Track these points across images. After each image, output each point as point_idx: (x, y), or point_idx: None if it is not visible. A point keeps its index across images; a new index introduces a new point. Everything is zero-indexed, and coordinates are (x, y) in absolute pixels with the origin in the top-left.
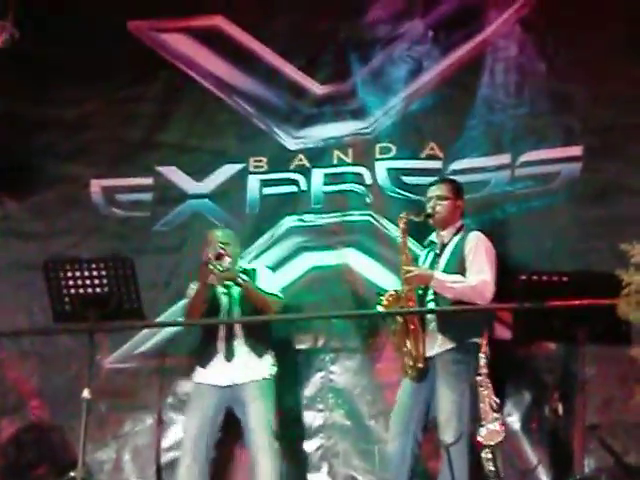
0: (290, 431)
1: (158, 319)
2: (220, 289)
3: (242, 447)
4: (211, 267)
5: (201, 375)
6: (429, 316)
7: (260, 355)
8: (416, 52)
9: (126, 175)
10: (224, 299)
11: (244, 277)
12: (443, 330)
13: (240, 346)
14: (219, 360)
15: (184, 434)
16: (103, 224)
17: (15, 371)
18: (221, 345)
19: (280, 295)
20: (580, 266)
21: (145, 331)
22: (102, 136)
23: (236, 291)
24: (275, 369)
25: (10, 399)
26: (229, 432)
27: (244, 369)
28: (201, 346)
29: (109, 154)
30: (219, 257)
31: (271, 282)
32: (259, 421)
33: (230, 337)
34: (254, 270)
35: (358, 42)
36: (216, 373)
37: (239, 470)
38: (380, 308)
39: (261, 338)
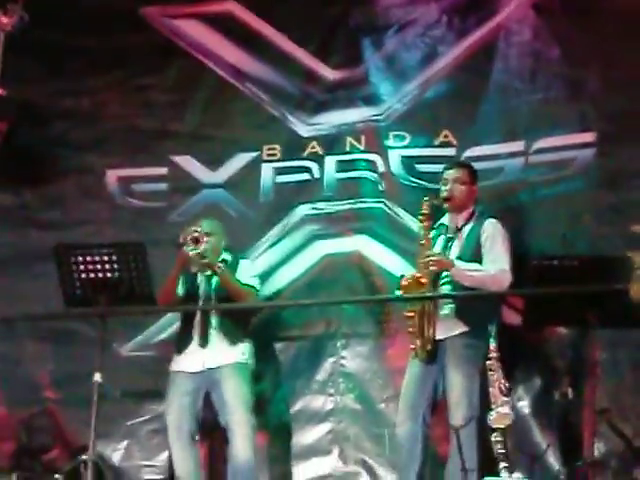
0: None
1: None
2: (199, 277)
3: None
4: (186, 250)
5: (177, 363)
6: (442, 299)
7: (233, 342)
8: (430, 37)
9: (141, 165)
10: (203, 286)
11: (222, 265)
12: (457, 313)
13: (214, 333)
14: (194, 346)
15: (167, 421)
16: (119, 214)
17: (31, 360)
18: (196, 331)
19: (257, 287)
20: (595, 252)
21: (162, 320)
22: (117, 125)
23: (215, 279)
24: (249, 356)
25: (25, 388)
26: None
27: (217, 354)
28: (179, 333)
29: (124, 143)
30: (196, 241)
31: (249, 274)
32: (236, 397)
33: (205, 324)
34: (236, 262)
35: (371, 27)
36: (190, 359)
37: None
38: (398, 292)
39: (235, 326)
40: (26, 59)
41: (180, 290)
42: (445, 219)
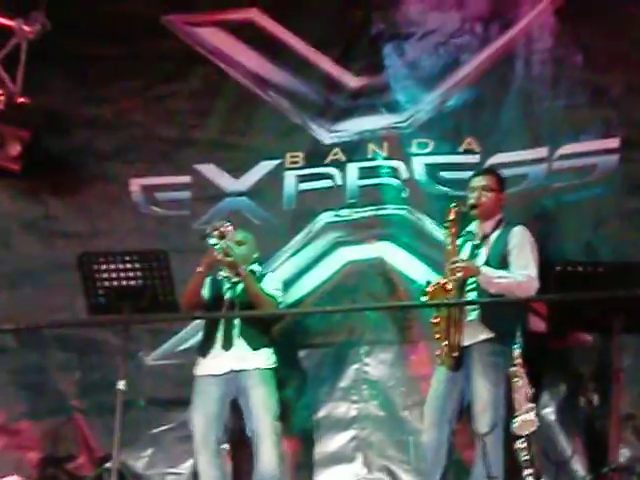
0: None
1: None
2: (226, 284)
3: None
4: (209, 241)
5: (201, 367)
6: (469, 306)
7: (254, 348)
8: (452, 45)
9: (165, 173)
10: (227, 293)
11: (245, 268)
12: (483, 320)
13: (236, 337)
14: (218, 349)
15: (193, 429)
16: (143, 223)
17: (57, 369)
18: (220, 335)
19: (278, 299)
20: (619, 258)
21: (187, 329)
22: (140, 134)
23: (240, 287)
24: (273, 361)
25: (51, 397)
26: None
27: (240, 358)
28: (203, 338)
29: (147, 152)
30: (221, 235)
31: (273, 287)
32: (261, 405)
33: (228, 328)
34: (263, 275)
35: (393, 34)
36: (215, 362)
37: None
38: (424, 298)
39: (257, 332)
40: (48, 67)
41: (206, 294)
42: (472, 226)
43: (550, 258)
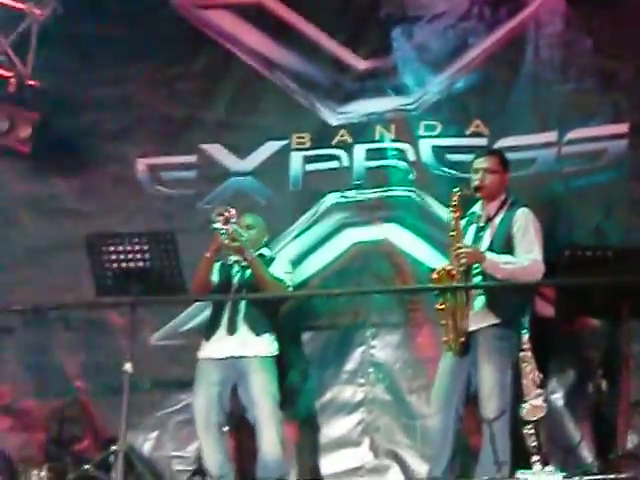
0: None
1: None
2: (236, 267)
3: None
4: (213, 226)
5: (205, 349)
6: (474, 290)
7: (258, 333)
8: (461, 28)
9: (171, 153)
10: (237, 276)
11: (252, 252)
12: (489, 305)
13: (241, 322)
14: (221, 333)
15: (194, 413)
16: (149, 202)
17: (62, 350)
18: (225, 319)
19: (287, 283)
20: (628, 243)
21: (190, 309)
22: (146, 115)
23: (249, 272)
24: (275, 349)
25: (56, 378)
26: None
27: (243, 344)
28: (209, 320)
29: (154, 133)
30: (226, 220)
31: (283, 270)
32: (262, 391)
33: (234, 312)
34: (273, 259)
35: (401, 17)
36: (217, 346)
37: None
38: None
39: (262, 317)
40: (58, 50)
41: (215, 278)
42: (477, 207)
43: (559, 243)
